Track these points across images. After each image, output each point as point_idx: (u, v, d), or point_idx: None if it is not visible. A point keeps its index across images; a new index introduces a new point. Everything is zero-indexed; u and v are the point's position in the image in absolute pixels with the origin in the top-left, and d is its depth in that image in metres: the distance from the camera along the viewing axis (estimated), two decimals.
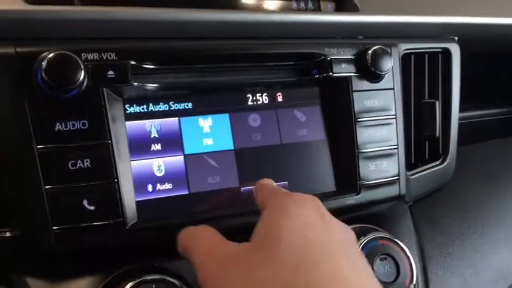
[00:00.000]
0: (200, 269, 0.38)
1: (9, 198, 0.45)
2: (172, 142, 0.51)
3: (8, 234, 0.45)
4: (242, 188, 0.53)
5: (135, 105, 0.50)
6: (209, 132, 0.53)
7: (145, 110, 0.50)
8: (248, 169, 0.54)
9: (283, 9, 0.59)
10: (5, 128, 0.44)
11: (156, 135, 0.50)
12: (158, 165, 0.50)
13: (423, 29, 0.66)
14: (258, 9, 0.58)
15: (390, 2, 0.64)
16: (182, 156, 0.51)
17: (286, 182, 0.55)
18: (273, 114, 0.56)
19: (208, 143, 0.53)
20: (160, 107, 0.51)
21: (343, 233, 0.39)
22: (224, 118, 0.54)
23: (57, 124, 0.44)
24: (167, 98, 0.51)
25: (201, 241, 0.40)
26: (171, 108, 0.52)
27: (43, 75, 0.42)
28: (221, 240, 0.40)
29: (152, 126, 0.50)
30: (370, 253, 0.58)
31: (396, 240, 0.59)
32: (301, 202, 0.39)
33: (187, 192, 0.51)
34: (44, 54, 0.43)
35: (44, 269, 0.46)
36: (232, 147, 0.54)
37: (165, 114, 0.51)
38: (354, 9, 0.60)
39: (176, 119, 0.52)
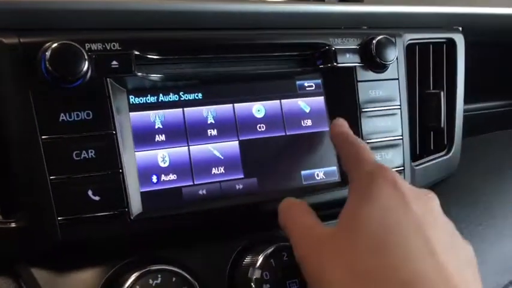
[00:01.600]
0: (296, 249, 0.44)
1: (14, 189, 0.45)
2: (176, 133, 0.51)
3: (13, 225, 0.45)
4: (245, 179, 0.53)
5: (139, 95, 0.50)
6: (213, 123, 0.53)
7: (149, 101, 0.50)
8: (252, 160, 0.54)
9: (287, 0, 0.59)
10: (9, 119, 0.44)
11: (161, 126, 0.50)
12: (163, 156, 0.50)
13: (428, 19, 0.66)
14: None
15: None
16: (186, 147, 0.51)
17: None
18: (277, 105, 0.56)
19: (213, 134, 0.52)
20: (164, 98, 0.51)
21: (421, 207, 0.41)
22: (228, 109, 0.53)
23: (62, 114, 0.44)
24: (171, 88, 0.51)
25: (296, 222, 0.46)
26: (175, 99, 0.51)
27: (47, 65, 0.42)
28: (313, 222, 0.45)
29: (156, 117, 0.50)
30: None
31: None
32: (384, 184, 0.42)
33: (191, 183, 0.51)
34: (47, 44, 0.43)
35: (49, 259, 0.46)
36: (236, 138, 0.53)
37: (169, 104, 0.51)
38: None
39: (180, 109, 0.51)
